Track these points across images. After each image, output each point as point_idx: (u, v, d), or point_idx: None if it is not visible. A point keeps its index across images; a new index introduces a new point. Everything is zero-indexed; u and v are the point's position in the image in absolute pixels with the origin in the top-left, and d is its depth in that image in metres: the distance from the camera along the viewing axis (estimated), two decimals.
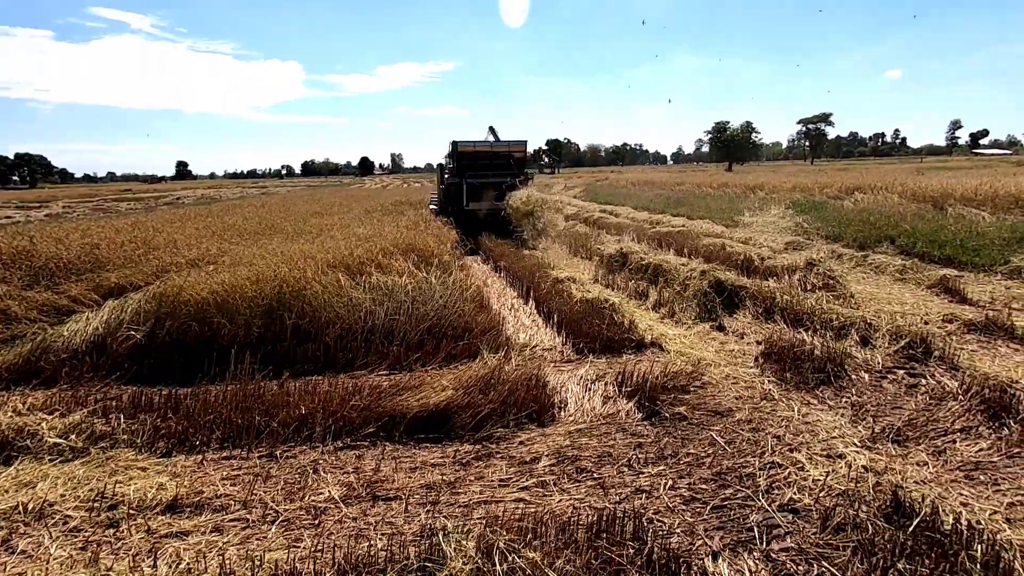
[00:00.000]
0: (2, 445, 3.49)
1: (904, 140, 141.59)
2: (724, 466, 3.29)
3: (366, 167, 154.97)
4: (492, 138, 14.58)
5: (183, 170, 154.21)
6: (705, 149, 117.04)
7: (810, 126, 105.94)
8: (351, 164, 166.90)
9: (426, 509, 2.90)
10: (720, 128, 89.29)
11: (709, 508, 2.89)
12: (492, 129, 14.72)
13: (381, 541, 2.60)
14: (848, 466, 3.16)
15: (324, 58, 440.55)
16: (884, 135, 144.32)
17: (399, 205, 17.01)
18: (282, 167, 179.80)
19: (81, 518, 2.82)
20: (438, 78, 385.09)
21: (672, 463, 3.36)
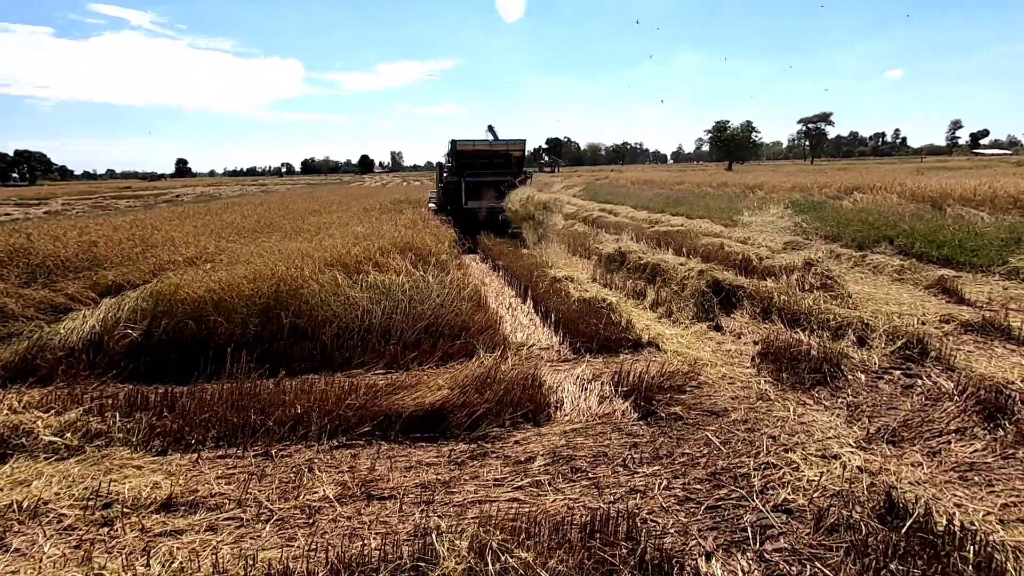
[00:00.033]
0: None
1: (904, 140, 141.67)
2: (719, 466, 3.29)
3: (366, 165, 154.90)
4: (491, 137, 14.57)
5: (183, 167, 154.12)
6: (705, 148, 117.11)
7: (810, 125, 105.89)
8: (351, 162, 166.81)
9: (420, 508, 2.91)
10: (720, 127, 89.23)
11: (703, 508, 2.89)
12: (491, 128, 14.71)
13: (375, 540, 2.60)
14: (843, 467, 3.16)
15: (324, 56, 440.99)
16: (884, 135, 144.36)
17: (398, 203, 16.99)
18: (282, 165, 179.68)
19: (75, 516, 2.83)
20: (438, 76, 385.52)
21: (667, 463, 3.36)
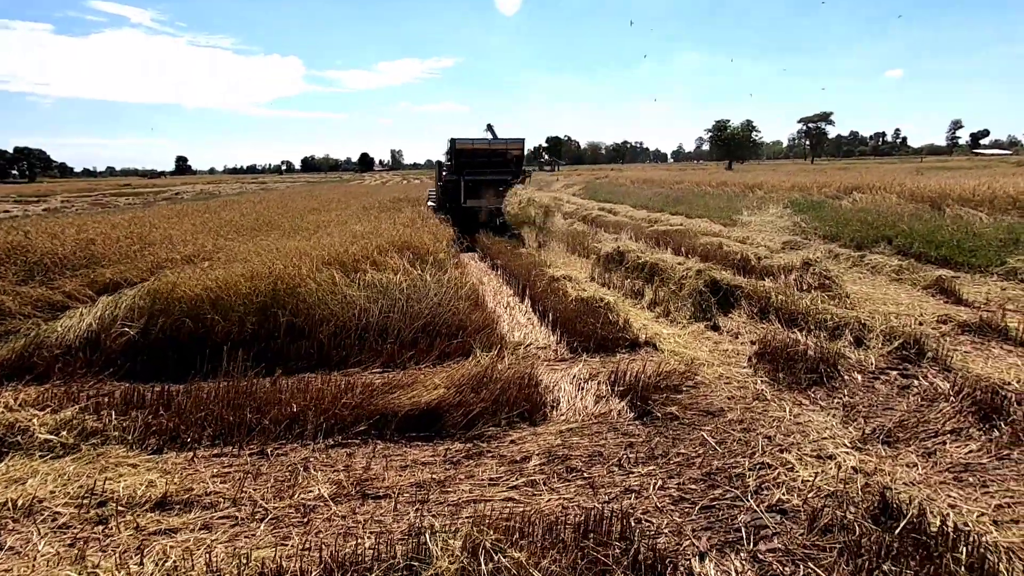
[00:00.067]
0: None
1: (905, 140, 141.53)
2: (714, 466, 3.29)
3: (366, 163, 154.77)
4: (490, 136, 14.55)
5: (183, 165, 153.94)
6: (706, 147, 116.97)
7: (810, 125, 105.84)
8: (351, 160, 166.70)
9: (415, 508, 2.91)
10: (720, 127, 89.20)
11: (698, 508, 2.89)
12: (490, 127, 14.70)
13: (369, 540, 2.60)
14: (837, 467, 3.16)
15: (324, 54, 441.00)
16: (885, 134, 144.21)
17: (397, 202, 16.98)
18: (282, 163, 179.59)
19: (70, 515, 2.83)
20: (438, 74, 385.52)
21: (662, 463, 3.36)
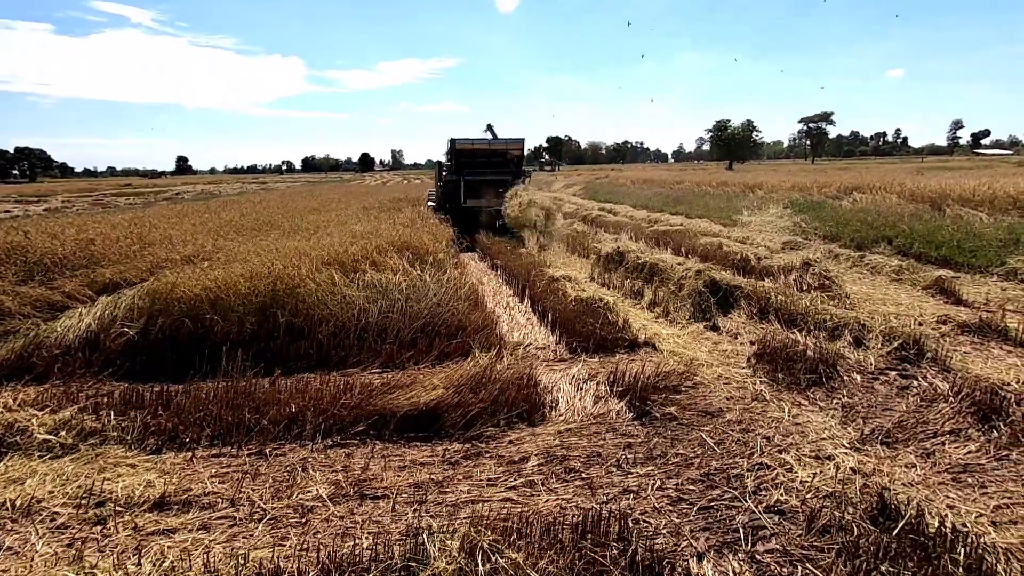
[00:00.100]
0: None
1: (906, 140, 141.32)
2: (712, 467, 3.29)
3: (367, 163, 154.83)
4: (490, 136, 14.57)
5: (184, 165, 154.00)
6: (706, 147, 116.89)
7: (811, 125, 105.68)
8: (352, 160, 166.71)
9: (413, 508, 2.91)
10: (721, 127, 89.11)
11: (696, 509, 2.89)
12: (490, 127, 14.73)
13: (367, 540, 2.60)
14: (836, 468, 3.16)
15: (325, 54, 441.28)
16: (886, 134, 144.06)
17: (397, 202, 16.98)
18: (283, 163, 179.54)
19: (68, 515, 2.83)
20: (439, 74, 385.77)
21: (661, 463, 3.36)
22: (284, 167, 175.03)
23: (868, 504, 2.77)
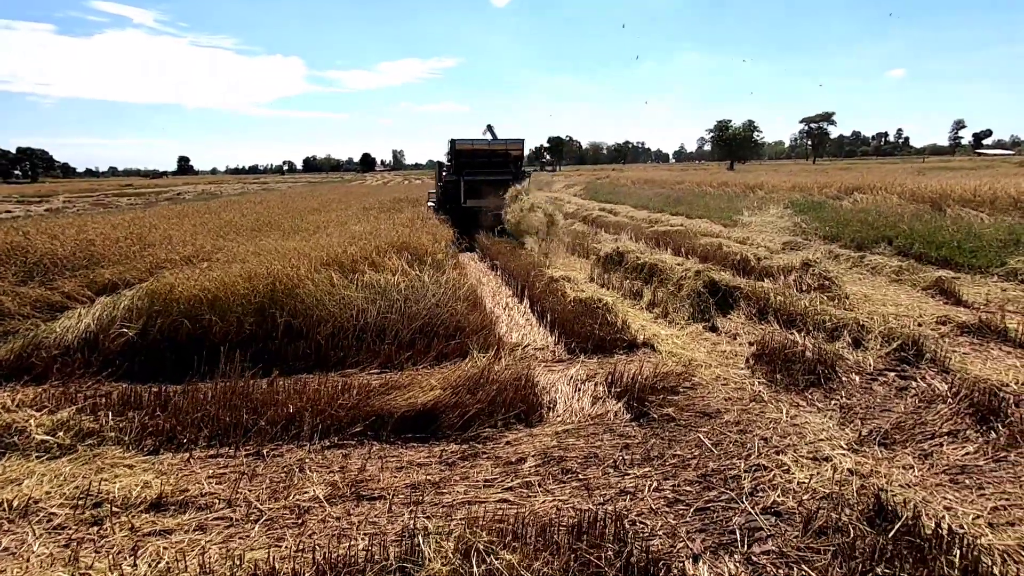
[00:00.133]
0: None
1: (907, 140, 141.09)
2: (709, 468, 3.28)
3: (367, 163, 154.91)
4: (490, 136, 14.57)
5: (185, 165, 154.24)
6: (707, 148, 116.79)
7: (812, 125, 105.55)
8: (352, 160, 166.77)
9: (410, 509, 2.91)
10: (722, 127, 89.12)
11: (692, 510, 2.89)
12: (490, 127, 14.72)
13: (363, 541, 2.60)
14: (833, 469, 3.16)
15: (326, 54, 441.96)
16: (887, 134, 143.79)
17: (397, 202, 17.00)
18: (284, 163, 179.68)
19: (65, 516, 2.83)
20: (440, 74, 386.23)
21: (658, 465, 3.35)
22: (285, 167, 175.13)
23: (865, 505, 2.77)
